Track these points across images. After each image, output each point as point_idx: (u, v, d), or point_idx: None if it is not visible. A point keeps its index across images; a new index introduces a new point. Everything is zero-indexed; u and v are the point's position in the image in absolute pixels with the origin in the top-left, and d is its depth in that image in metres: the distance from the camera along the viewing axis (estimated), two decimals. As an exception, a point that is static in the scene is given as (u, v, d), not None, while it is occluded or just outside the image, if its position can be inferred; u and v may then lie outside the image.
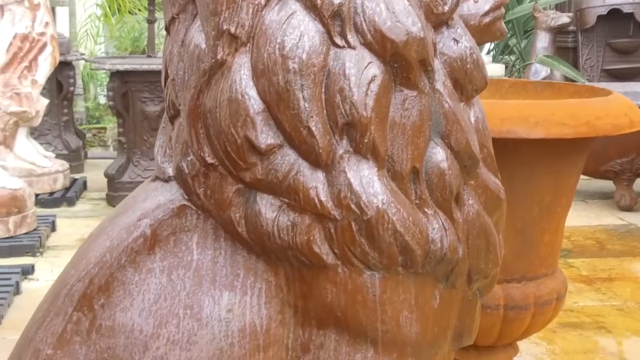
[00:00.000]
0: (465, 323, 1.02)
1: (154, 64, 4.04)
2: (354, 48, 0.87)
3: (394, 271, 0.91)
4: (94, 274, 0.94)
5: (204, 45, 0.90)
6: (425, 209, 0.91)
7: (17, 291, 2.84)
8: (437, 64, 0.92)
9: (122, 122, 4.07)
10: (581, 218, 3.92)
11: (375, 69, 0.87)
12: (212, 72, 0.89)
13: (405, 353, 0.94)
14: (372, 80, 0.87)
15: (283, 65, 0.86)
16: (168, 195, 0.96)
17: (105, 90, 8.38)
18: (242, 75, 0.88)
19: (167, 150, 0.98)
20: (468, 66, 0.95)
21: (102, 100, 8.33)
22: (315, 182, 0.88)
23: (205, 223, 0.94)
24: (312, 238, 0.89)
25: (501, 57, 6.19)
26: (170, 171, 0.97)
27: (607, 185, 4.34)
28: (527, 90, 1.92)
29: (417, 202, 0.91)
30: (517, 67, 5.78)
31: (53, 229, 3.60)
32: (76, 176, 4.49)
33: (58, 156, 4.50)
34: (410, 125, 0.89)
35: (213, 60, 0.89)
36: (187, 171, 0.93)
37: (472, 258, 0.96)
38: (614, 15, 5.19)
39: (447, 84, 0.93)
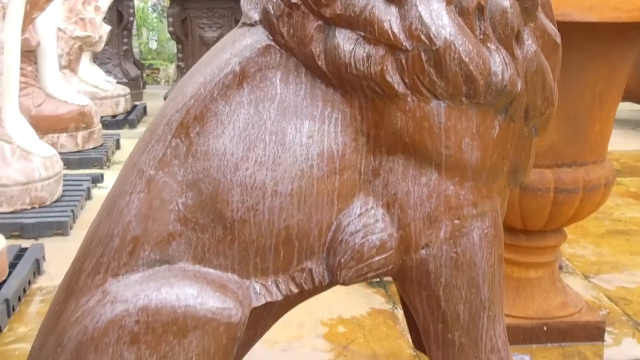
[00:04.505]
0: (521, 159, 1.11)
1: (213, -10, 4.15)
2: None
3: (458, 101, 1.01)
4: (190, 105, 1.06)
5: None
6: (488, 44, 1.01)
7: (89, 196, 3.02)
8: None
9: (182, 48, 4.20)
10: (630, 144, 3.96)
11: None
12: None
13: (466, 177, 1.04)
14: None
15: None
16: (254, 37, 1.07)
17: (157, 34, 8.49)
18: None
19: (253, -1, 1.09)
20: None
21: (153, 45, 8.48)
22: (389, 16, 0.98)
23: (287, 61, 1.05)
24: (385, 68, 0.99)
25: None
26: (256, 16, 1.07)
27: (658, 114, 4.35)
28: (581, -12, 1.97)
29: (481, 37, 1.01)
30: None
31: (117, 146, 3.78)
32: (136, 103, 4.67)
33: (118, 84, 4.67)
34: (476, -36, 0.98)
35: None
36: (272, 12, 1.03)
37: (529, 94, 1.06)
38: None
39: None
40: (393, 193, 1.05)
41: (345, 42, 1.00)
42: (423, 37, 0.97)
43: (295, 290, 1.07)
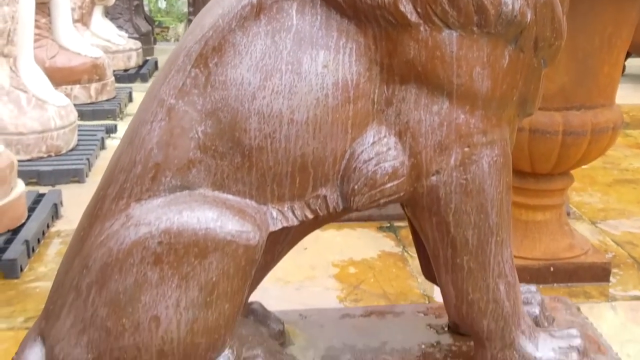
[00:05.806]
0: (530, 90, 1.14)
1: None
2: None
3: (470, 30, 1.04)
4: (208, 36, 1.09)
5: None
6: (499, -26, 1.03)
7: (103, 146, 3.07)
8: None
9: (193, 2, 4.21)
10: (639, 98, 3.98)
11: None
12: None
13: (477, 106, 1.08)
14: None
15: None
16: (271, -30, 1.09)
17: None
18: None
19: None
20: None
21: (162, 4, 8.47)
22: (403, -54, 1.00)
23: (303, -8, 1.08)
24: (398, -3, 1.02)
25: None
26: (272, -51, 1.10)
27: (670, 69, 4.35)
28: None
29: (492, -33, 1.03)
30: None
31: (130, 99, 3.81)
32: (148, 58, 4.69)
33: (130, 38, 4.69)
34: None
35: None
36: (288, -56, 1.06)
37: (538, 25, 1.08)
38: None
39: None
40: (405, 122, 1.08)
41: (360, -28, 1.02)
42: (436, -33, 1.00)
43: (310, 216, 1.11)
